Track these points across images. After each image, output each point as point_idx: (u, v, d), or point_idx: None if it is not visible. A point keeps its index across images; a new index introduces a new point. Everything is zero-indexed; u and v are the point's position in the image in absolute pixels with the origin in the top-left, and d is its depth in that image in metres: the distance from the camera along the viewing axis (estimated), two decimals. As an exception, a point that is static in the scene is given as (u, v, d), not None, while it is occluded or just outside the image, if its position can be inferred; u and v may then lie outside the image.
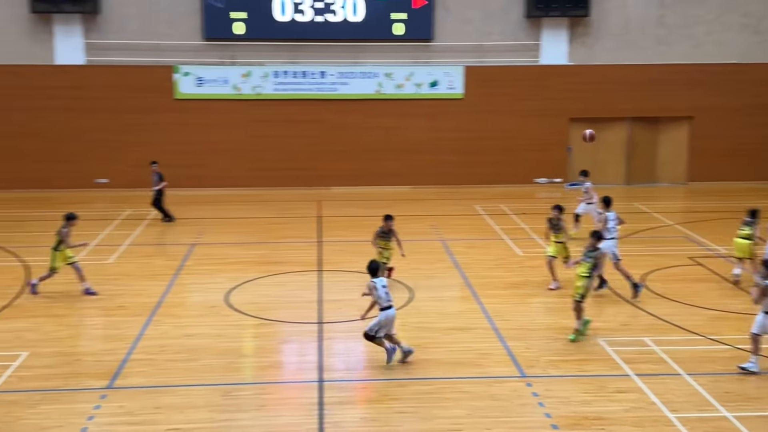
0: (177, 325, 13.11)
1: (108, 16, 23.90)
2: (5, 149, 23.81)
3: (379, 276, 11.43)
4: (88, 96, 24.00)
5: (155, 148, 24.40)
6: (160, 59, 24.28)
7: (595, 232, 12.57)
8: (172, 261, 16.82)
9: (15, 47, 23.67)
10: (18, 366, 11.28)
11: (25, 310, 13.72)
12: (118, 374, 11.08)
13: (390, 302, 11.28)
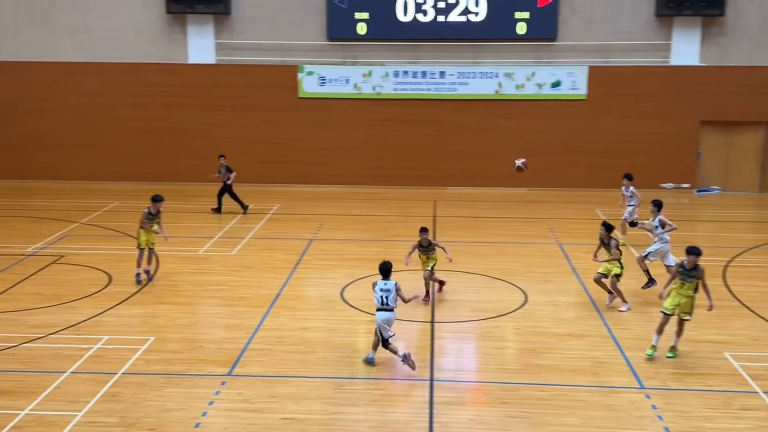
0: (294, 317, 13.45)
1: (238, 17, 24.80)
2: (146, 145, 25.10)
3: (389, 278, 11.31)
4: (218, 94, 25.01)
5: (278, 145, 25.19)
6: (286, 59, 24.98)
7: (693, 248, 11.25)
8: (290, 255, 17.27)
9: (152, 47, 24.94)
10: (145, 350, 11.88)
11: (154, 297, 14.43)
12: (238, 362, 11.49)
13: (383, 306, 11.13)
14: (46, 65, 24.90)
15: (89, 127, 25.12)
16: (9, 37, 24.86)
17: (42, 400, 10.16)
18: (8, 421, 9.58)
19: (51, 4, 24.69)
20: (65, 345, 12.03)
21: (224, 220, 20.35)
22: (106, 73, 24.92)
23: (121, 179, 25.11)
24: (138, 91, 24.99)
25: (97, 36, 24.88)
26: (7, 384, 10.62)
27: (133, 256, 15.53)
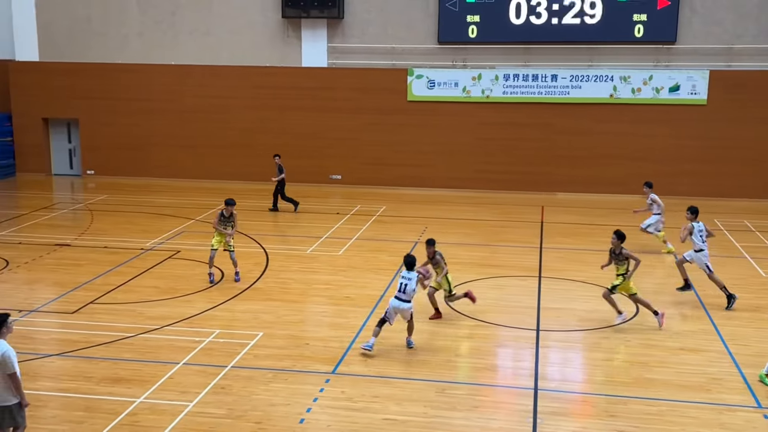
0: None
1: (350, 21, 25.17)
2: (258, 146, 25.87)
3: (414, 270, 11.92)
4: (329, 96, 25.47)
5: (386, 147, 25.41)
6: (396, 62, 25.17)
7: None
8: (395, 257, 17.34)
9: (268, 50, 25.67)
10: (254, 345, 12.21)
11: (263, 294, 14.82)
12: (342, 361, 11.64)
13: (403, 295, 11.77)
14: (167, 67, 26.02)
15: (205, 127, 26.08)
16: (134, 40, 26.13)
17: (156, 389, 10.60)
18: (124, 408, 10.05)
19: (175, 9, 25.79)
20: (179, 337, 12.51)
21: (331, 221, 20.67)
22: (223, 76, 25.82)
23: (234, 178, 25.94)
24: (252, 93, 25.76)
25: (215, 39, 25.81)
26: (125, 372, 11.14)
27: (245, 254, 15.99)
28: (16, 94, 26.72)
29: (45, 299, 14.33)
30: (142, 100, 26.24)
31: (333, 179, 25.85)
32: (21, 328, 12.78)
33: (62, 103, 26.62)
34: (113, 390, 10.58)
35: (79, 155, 27.18)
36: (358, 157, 25.61)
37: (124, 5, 25.90)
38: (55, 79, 26.37)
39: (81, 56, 26.27)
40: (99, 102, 26.38)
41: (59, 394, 10.50)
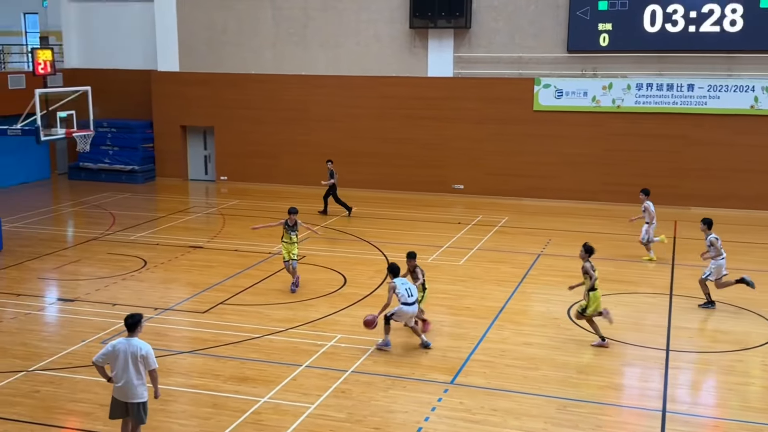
0: (518, 332, 13.30)
1: (477, 30, 25.09)
2: (384, 154, 26.18)
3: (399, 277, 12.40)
4: (454, 106, 25.46)
5: (511, 157, 25.12)
6: (523, 71, 24.86)
7: None
8: (517, 269, 17.12)
9: (394, 60, 25.96)
10: (373, 350, 12.34)
11: (384, 301, 14.93)
12: (461, 372, 11.57)
13: (410, 299, 12.12)
14: (298, 78, 26.80)
15: (332, 136, 26.65)
16: (268, 51, 27.07)
17: (279, 390, 10.90)
18: (249, 407, 10.39)
19: (307, 22, 26.54)
20: (302, 340, 12.82)
21: (453, 230, 20.61)
22: (350, 86, 26.32)
23: (360, 186, 26.33)
24: (378, 102, 26.11)
25: (345, 51, 26.36)
26: (250, 372, 11.52)
27: (367, 260, 16.19)
28: (158, 102, 28.24)
29: (178, 298, 15.03)
30: (273, 109, 27.12)
31: (455, 189, 25.80)
32: (156, 326, 13.48)
33: (199, 111, 27.91)
34: (239, 388, 10.96)
35: (213, 161, 28.40)
36: (481, 167, 25.44)
37: (260, 18, 26.89)
38: (193, 88, 27.69)
39: (217, 67, 27.48)
40: (233, 111, 27.48)
41: (189, 390, 10.97)
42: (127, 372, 8.57)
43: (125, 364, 8.55)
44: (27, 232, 20.30)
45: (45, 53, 18.36)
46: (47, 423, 9.98)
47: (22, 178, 27.51)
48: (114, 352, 8.60)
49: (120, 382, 8.62)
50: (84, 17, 29.46)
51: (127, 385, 8.59)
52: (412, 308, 12.23)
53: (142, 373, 8.62)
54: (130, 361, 8.54)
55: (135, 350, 8.56)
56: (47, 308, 14.75)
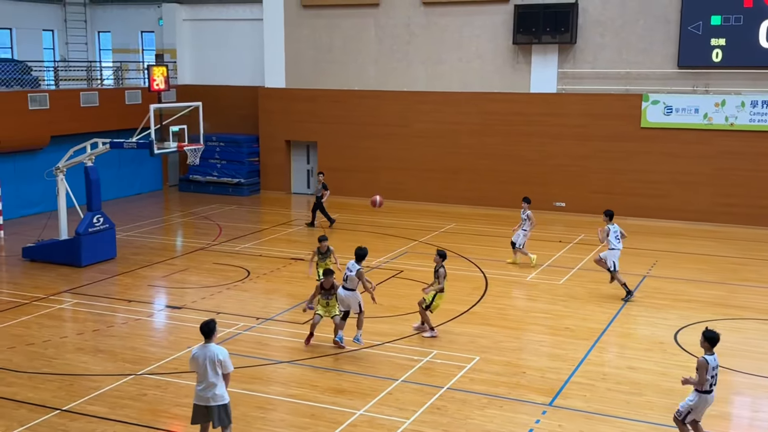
0: (621, 355, 12.91)
1: (582, 45, 24.65)
2: (483, 171, 26.03)
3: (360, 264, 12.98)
4: (557, 123, 25.06)
5: (616, 175, 24.49)
6: (630, 87, 24.24)
7: None
8: (620, 290, 16.62)
9: (496, 77, 25.82)
10: (470, 368, 12.24)
11: (481, 318, 14.82)
12: (559, 394, 11.32)
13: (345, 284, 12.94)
14: (400, 94, 27.02)
15: (432, 151, 26.70)
16: (371, 68, 27.44)
17: (375, 403, 10.95)
18: (345, 419, 10.48)
19: (410, 38, 26.76)
20: (398, 354, 12.85)
21: (553, 249, 20.23)
22: (452, 102, 26.31)
23: (458, 202, 26.26)
24: (479, 119, 25.99)
25: (447, 67, 26.40)
26: (347, 384, 11.63)
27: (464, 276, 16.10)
28: (264, 118, 29.05)
29: (279, 309, 15.35)
30: (375, 124, 27.42)
31: (556, 206, 25.34)
32: (257, 335, 13.81)
33: (303, 126, 28.53)
34: (336, 400, 11.07)
35: (315, 176, 28.93)
36: (584, 184, 24.90)
37: (364, 35, 27.31)
38: (298, 104, 28.35)
39: (321, 83, 28.04)
40: (335, 126, 27.96)
41: (287, 399, 11.18)
42: (206, 377, 8.88)
43: (205, 369, 8.87)
44: (139, 240, 21.23)
45: (160, 70, 19.20)
46: (153, 426, 10.37)
47: (137, 189, 28.83)
48: (194, 359, 8.95)
49: (201, 387, 8.92)
50: (197, 35, 30.71)
51: (207, 389, 8.90)
52: (344, 292, 12.98)
53: (220, 377, 8.91)
54: (209, 365, 8.85)
55: (213, 355, 8.88)
56: (156, 314, 15.36)
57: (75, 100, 25.38)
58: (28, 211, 24.16)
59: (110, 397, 11.20)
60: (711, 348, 9.22)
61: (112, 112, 26.36)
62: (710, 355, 9.18)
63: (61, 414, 10.63)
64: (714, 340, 9.21)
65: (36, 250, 18.92)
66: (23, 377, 11.87)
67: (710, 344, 9.22)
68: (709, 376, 9.16)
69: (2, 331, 13.95)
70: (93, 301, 15.81)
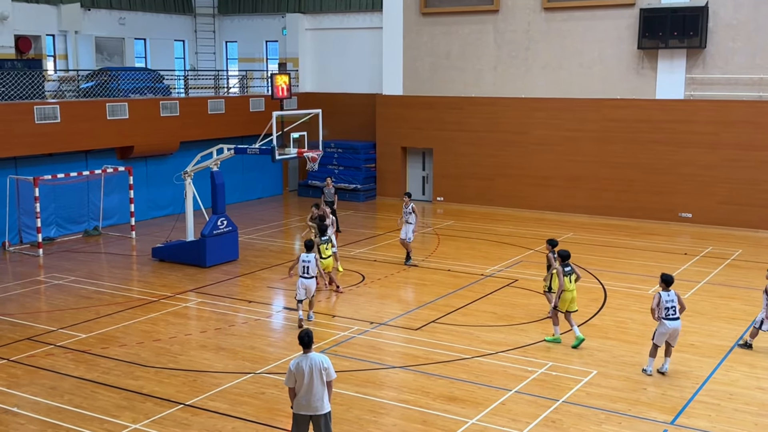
0: (750, 374, 12.24)
1: (713, 50, 23.57)
2: (605, 179, 25.31)
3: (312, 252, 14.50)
4: (684, 130, 24.05)
5: (748, 186, 23.27)
6: (763, 94, 22.97)
7: None
8: (750, 306, 15.75)
9: (619, 82, 25.05)
10: (587, 382, 11.91)
11: (599, 331, 14.40)
12: (682, 412, 10.84)
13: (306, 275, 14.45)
14: (518, 100, 26.68)
15: (551, 159, 26.20)
16: (489, 74, 27.24)
17: (488, 413, 10.83)
18: (458, 427, 10.41)
19: (529, 44, 26.40)
20: (512, 364, 12.66)
21: (678, 261, 19.42)
22: (573, 109, 25.74)
23: (577, 211, 25.63)
24: (601, 126, 25.29)
25: (567, 73, 25.87)
26: (459, 392, 11.56)
27: (582, 287, 15.70)
28: (381, 125, 29.37)
29: (392, 314, 15.46)
30: (492, 131, 27.19)
31: (682, 217, 24.30)
32: (370, 339, 13.95)
33: (419, 133, 28.65)
34: (448, 408, 11.03)
35: (431, 182, 29.00)
36: (713, 194, 23.77)
37: (482, 41, 27.16)
38: (415, 111, 28.49)
39: (439, 90, 28.07)
40: (452, 133, 27.92)
41: (400, 404, 11.22)
42: (312, 386, 8.79)
43: (311, 378, 8.79)
44: (260, 243, 21.90)
45: (283, 78, 19.76)
46: (270, 424, 10.65)
47: (259, 193, 29.79)
48: (299, 369, 8.83)
49: (306, 397, 8.84)
50: (318, 44, 31.45)
51: (313, 398, 8.82)
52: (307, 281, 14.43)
53: (325, 385, 8.87)
54: (315, 374, 8.79)
55: (318, 364, 8.81)
56: (274, 315, 15.79)
57: (203, 107, 26.51)
58: (158, 213, 25.42)
59: (230, 394, 11.59)
60: (666, 287, 12.09)
61: (237, 119, 27.35)
62: (664, 292, 12.05)
63: (185, 408, 11.09)
64: (668, 281, 12.11)
65: (164, 250, 19.86)
66: (150, 372, 12.46)
67: (665, 285, 12.11)
68: (664, 309, 11.97)
69: (132, 327, 14.72)
70: (216, 300, 16.43)
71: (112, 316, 15.34)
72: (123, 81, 24.61)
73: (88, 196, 23.28)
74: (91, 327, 14.65)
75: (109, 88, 23.99)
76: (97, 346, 13.63)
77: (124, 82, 24.64)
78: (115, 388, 11.80)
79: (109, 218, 23.87)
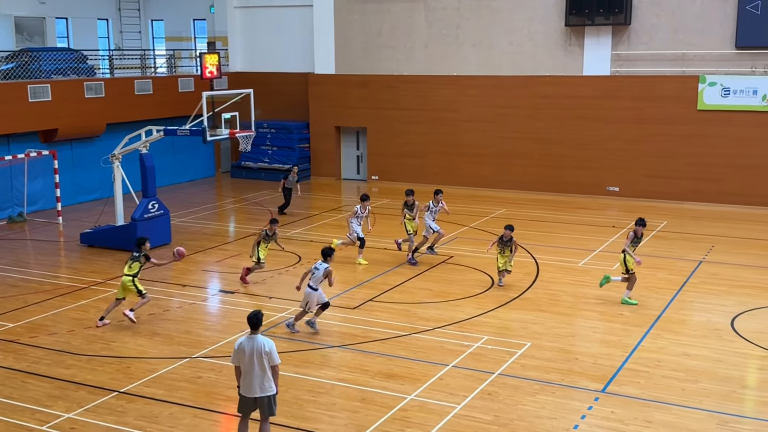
0: (676, 342, 12.69)
1: (637, 26, 24.12)
2: (535, 155, 25.73)
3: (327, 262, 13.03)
4: (610, 106, 24.61)
5: (671, 159, 23.98)
6: (686, 69, 23.67)
7: None
8: (675, 276, 16.33)
9: (548, 60, 25.43)
10: (521, 354, 12.17)
11: (533, 304, 14.71)
12: (613, 380, 11.18)
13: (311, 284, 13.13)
14: (450, 78, 26.83)
15: (483, 136, 26.48)
16: (420, 53, 27.29)
17: (426, 388, 10.97)
18: (396, 403, 10.53)
19: (460, 22, 26.53)
20: (449, 339, 12.84)
21: (606, 234, 19.94)
22: (503, 86, 26.03)
23: (510, 187, 26.03)
24: (532, 102, 25.67)
25: (497, 50, 26.12)
26: (397, 369, 11.67)
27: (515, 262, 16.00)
28: (314, 104, 29.17)
29: (330, 294, 15.42)
30: (425, 110, 27.30)
31: (610, 191, 24.94)
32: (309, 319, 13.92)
33: (353, 112, 28.57)
34: (387, 385, 11.13)
35: (365, 161, 29.00)
36: (638, 168, 24.45)
37: (413, 19, 27.16)
38: (348, 90, 28.38)
39: (371, 69, 28.01)
40: (386, 112, 27.92)
41: (339, 383, 11.27)
42: (252, 368, 8.81)
43: (251, 360, 8.80)
44: (193, 226, 21.57)
45: (212, 58, 19.40)
46: (208, 408, 10.56)
47: (190, 175, 29.28)
48: (240, 349, 8.88)
49: (247, 379, 8.89)
50: (247, 22, 30.93)
51: (254, 380, 8.84)
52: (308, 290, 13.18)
53: (267, 369, 8.84)
54: (255, 357, 8.79)
55: (259, 347, 8.81)
56: (210, 299, 15.62)
57: (129, 88, 25.84)
58: (86, 198, 24.75)
59: (166, 379, 11.44)
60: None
61: (166, 100, 26.77)
62: None
63: (119, 396, 10.90)
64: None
65: (93, 235, 19.39)
66: (82, 360, 12.20)
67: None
68: None
69: (61, 315, 14.36)
70: (149, 285, 16.12)
71: (40, 304, 14.92)
72: (45, 62, 23.79)
73: (11, 181, 22.50)
74: (19, 316, 14.23)
75: (31, 70, 23.16)
76: (26, 335, 13.26)
77: (45, 63, 23.83)
78: (46, 377, 11.52)
79: (34, 204, 23.14)
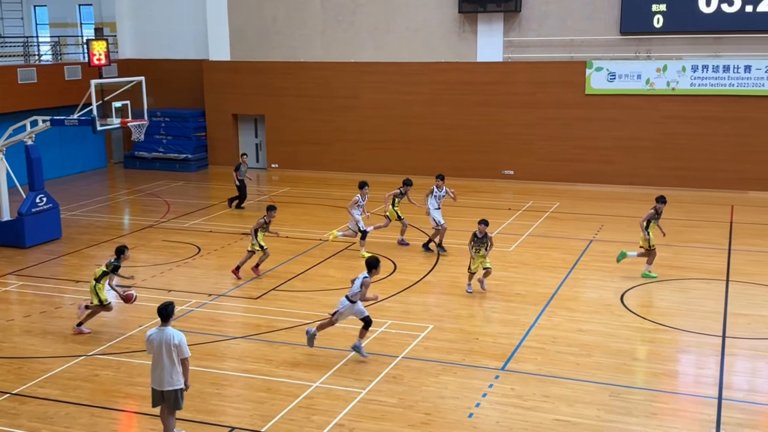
0: (570, 318, 13.18)
1: (527, 13, 24.76)
2: (436, 141, 26.01)
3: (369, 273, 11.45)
4: (504, 91, 25.21)
5: (562, 142, 24.81)
6: (575, 55, 24.48)
7: None
8: (568, 255, 16.93)
9: (443, 46, 25.79)
10: (424, 337, 12.37)
11: (434, 287, 14.96)
12: (512, 358, 11.52)
13: None
14: (349, 65, 26.82)
15: (383, 123, 26.63)
16: (317, 39, 27.14)
17: (331, 375, 11.01)
18: (302, 391, 10.51)
19: (355, 8, 26.52)
20: (353, 326, 12.87)
21: (503, 217, 20.47)
22: (402, 72, 26.22)
23: (412, 173, 26.03)
24: (430, 89, 25.98)
25: (395, 36, 26.27)
26: (302, 357, 11.65)
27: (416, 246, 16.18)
28: (209, 92, 28.58)
29: (232, 285, 15.26)
30: (325, 97, 27.19)
31: (505, 174, 25.60)
32: (210, 311, 13.71)
33: (250, 100, 28.16)
34: (292, 373, 11.10)
35: (264, 149, 28.67)
36: (532, 152, 25.18)
37: (308, 5, 26.96)
38: (244, 77, 27.94)
39: (267, 55, 27.66)
40: (284, 99, 27.65)
41: (243, 374, 11.16)
42: (160, 360, 8.72)
43: (159, 352, 8.71)
44: (85, 219, 20.81)
45: (100, 44, 18.71)
46: (106, 406, 10.26)
47: (80, 167, 28.19)
48: (150, 341, 8.80)
49: (156, 371, 8.78)
50: (137, 8, 29.93)
51: (162, 373, 8.74)
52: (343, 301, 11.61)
53: (175, 362, 8.74)
54: (164, 349, 8.69)
55: (168, 339, 8.71)
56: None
57: (12, 76, 24.60)
58: (-32, 193, 23.45)
59: (61, 379, 11.03)
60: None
61: (52, 89, 25.62)
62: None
63: (11, 398, 10.44)
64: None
65: (-23, 232, 18.43)
66: (-30, 363, 11.61)
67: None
68: None
69: (-55, 316, 13.60)
70: (39, 282, 15.50)
71: None
72: None
73: None
74: None
75: None
76: None
77: None
78: (-71, 384, 10.90)
79: None
